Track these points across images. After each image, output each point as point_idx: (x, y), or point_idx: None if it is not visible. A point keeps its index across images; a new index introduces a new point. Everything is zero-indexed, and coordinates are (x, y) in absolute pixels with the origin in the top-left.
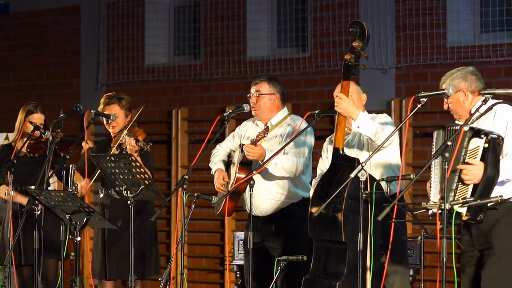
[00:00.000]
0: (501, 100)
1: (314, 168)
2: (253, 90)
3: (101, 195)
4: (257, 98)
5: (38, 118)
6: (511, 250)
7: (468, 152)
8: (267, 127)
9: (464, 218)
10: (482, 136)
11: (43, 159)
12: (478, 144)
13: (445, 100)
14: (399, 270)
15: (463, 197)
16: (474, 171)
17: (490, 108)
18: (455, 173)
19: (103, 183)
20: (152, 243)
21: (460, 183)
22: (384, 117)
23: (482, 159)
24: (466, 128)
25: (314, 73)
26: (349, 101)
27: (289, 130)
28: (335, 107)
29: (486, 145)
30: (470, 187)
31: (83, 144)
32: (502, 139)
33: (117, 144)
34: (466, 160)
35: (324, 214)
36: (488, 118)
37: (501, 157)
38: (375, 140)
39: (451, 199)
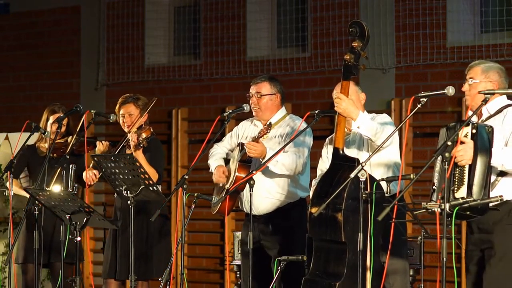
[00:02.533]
0: None
1: (314, 168)
2: (253, 90)
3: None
4: (258, 98)
5: None
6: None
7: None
8: (270, 123)
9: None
10: (470, 124)
11: (61, 159)
12: (466, 131)
13: (469, 82)
14: (399, 270)
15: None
16: (465, 149)
17: (500, 111)
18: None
19: None
20: (160, 243)
21: (456, 176)
22: (384, 117)
23: None
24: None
25: (314, 73)
26: (349, 101)
27: (289, 130)
28: (335, 107)
29: (474, 131)
30: (466, 171)
31: (97, 143)
32: (492, 129)
33: (125, 142)
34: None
35: (324, 214)
36: (497, 119)
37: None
38: (375, 140)
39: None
